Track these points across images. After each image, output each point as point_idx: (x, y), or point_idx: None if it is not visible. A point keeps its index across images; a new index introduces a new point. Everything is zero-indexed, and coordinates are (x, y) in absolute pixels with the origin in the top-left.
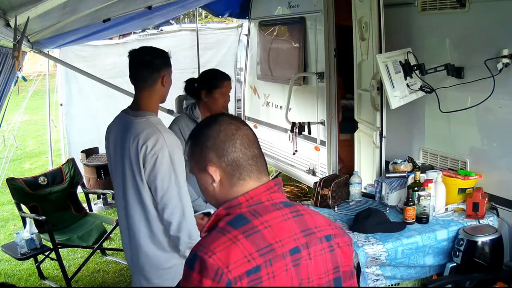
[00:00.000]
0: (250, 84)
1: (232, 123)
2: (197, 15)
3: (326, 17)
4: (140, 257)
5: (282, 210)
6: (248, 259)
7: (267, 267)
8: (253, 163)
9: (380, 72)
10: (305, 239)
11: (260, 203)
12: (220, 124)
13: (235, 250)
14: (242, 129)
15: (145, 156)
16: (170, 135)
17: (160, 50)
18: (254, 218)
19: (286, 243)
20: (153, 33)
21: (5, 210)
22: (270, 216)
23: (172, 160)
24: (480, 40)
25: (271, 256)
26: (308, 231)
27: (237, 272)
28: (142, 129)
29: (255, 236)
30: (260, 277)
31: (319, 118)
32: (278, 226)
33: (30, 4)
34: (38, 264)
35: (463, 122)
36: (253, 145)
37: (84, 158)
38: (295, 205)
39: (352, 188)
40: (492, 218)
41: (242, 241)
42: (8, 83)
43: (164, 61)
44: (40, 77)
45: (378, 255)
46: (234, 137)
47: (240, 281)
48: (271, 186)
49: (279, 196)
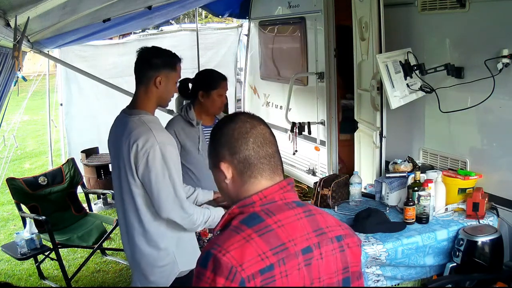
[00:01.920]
0: (250, 84)
1: (247, 121)
2: (197, 15)
3: (326, 17)
4: (136, 254)
5: (295, 209)
6: (261, 258)
7: (280, 266)
8: (266, 161)
9: (380, 72)
10: (317, 239)
11: (274, 202)
12: (235, 122)
13: (249, 249)
14: (257, 127)
15: (137, 154)
16: (161, 133)
17: (164, 51)
18: (267, 217)
19: (298, 242)
20: (153, 33)
21: (5, 210)
22: (284, 215)
23: (163, 156)
24: (480, 40)
25: (285, 255)
26: (320, 231)
27: (250, 270)
28: (134, 128)
29: (269, 235)
30: (274, 275)
31: (319, 118)
32: (291, 225)
33: (30, 4)
34: (38, 264)
35: (463, 122)
36: (268, 144)
37: (84, 158)
38: (307, 204)
39: (352, 188)
40: (492, 218)
41: (256, 239)
42: (8, 83)
43: (162, 62)
44: (40, 77)
45: (378, 255)
46: (247, 135)
47: (254, 280)
48: (284, 185)
49: (292, 195)
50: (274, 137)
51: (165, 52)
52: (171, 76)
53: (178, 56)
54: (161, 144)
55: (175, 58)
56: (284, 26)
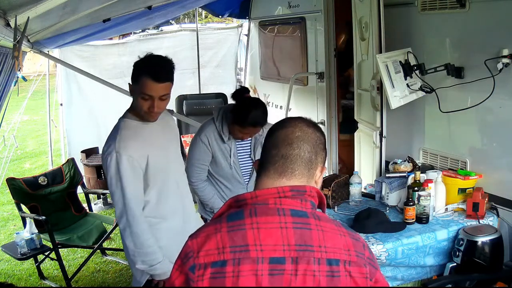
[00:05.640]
0: (250, 84)
1: (285, 122)
2: (197, 15)
3: (326, 17)
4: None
5: (283, 217)
6: (219, 252)
7: (234, 265)
8: (273, 161)
9: (380, 72)
10: (296, 254)
11: (265, 204)
12: (278, 123)
13: (212, 240)
14: (285, 128)
15: (102, 157)
16: (124, 142)
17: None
18: (248, 216)
19: (268, 249)
20: (153, 33)
21: (5, 210)
22: (266, 219)
23: (118, 166)
24: (480, 40)
25: (242, 256)
26: (305, 247)
27: (204, 260)
28: (111, 131)
29: (237, 233)
30: (224, 272)
31: (319, 118)
32: (268, 231)
33: (30, 4)
34: (38, 264)
35: (463, 122)
36: (284, 145)
37: (84, 158)
38: (309, 217)
39: (352, 188)
40: (492, 218)
41: (223, 234)
42: (8, 83)
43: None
44: (40, 77)
45: (378, 255)
46: (273, 134)
47: (204, 269)
48: (285, 190)
49: (292, 203)
50: (299, 140)
51: (140, 63)
52: (135, 90)
53: (152, 73)
54: (118, 154)
55: (144, 74)
56: (284, 26)
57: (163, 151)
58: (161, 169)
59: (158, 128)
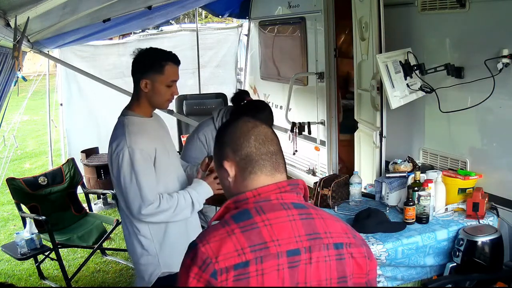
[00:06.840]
0: (250, 84)
1: (250, 121)
2: (197, 15)
3: (326, 17)
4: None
5: (289, 210)
6: (238, 253)
7: (256, 264)
8: (267, 158)
9: (380, 72)
10: (309, 243)
11: (268, 201)
12: (238, 122)
13: (228, 243)
14: (259, 127)
15: (111, 156)
16: (134, 137)
17: (154, 54)
18: (257, 214)
19: (284, 243)
20: (153, 33)
21: (5, 210)
22: (274, 214)
23: (132, 160)
24: (480, 40)
25: (263, 253)
26: (314, 235)
27: (224, 264)
28: (114, 129)
29: (252, 232)
30: (248, 272)
31: (319, 118)
32: (280, 225)
33: (30, 4)
34: (38, 264)
35: (463, 122)
36: (270, 143)
37: (84, 158)
38: (308, 208)
39: (352, 188)
40: (492, 218)
41: (238, 235)
42: (8, 83)
43: (148, 66)
44: (40, 77)
45: (378, 255)
46: (249, 133)
47: (226, 273)
48: (284, 185)
49: (291, 197)
50: (277, 136)
51: (154, 55)
52: (159, 80)
53: (171, 58)
54: (130, 148)
55: (164, 61)
56: (284, 26)
57: (165, 146)
58: (165, 163)
59: (156, 123)
